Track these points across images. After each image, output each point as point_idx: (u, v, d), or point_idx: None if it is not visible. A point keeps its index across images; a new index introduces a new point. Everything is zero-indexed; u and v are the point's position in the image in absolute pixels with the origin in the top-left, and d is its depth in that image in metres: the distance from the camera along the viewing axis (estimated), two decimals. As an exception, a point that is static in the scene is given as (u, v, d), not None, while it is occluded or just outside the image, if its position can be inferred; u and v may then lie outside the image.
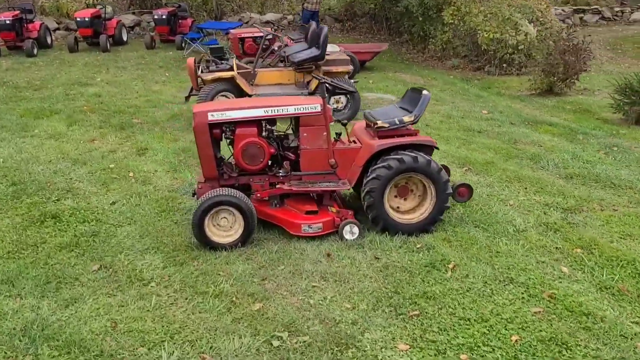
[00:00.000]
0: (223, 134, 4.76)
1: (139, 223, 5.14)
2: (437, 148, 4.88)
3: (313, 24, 8.96)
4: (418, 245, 4.56)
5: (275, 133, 4.95)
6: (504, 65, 12.96)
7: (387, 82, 11.94)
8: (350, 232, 4.65)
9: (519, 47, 12.68)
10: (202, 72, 8.44)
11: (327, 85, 5.01)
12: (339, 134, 5.12)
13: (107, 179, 6.26)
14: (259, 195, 4.81)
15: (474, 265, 4.23)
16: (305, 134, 4.74)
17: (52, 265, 4.36)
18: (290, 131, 5.12)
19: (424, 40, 15.41)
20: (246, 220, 4.51)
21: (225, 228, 4.59)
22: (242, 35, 12.69)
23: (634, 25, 20.76)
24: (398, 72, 13.23)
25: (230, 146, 4.91)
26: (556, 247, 4.56)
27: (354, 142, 5.03)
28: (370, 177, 4.59)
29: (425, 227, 4.75)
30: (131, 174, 6.43)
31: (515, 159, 6.87)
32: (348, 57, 8.82)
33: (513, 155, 6.99)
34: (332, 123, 4.82)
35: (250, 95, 8.66)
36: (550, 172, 6.41)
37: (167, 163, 6.82)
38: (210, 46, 8.78)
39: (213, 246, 4.54)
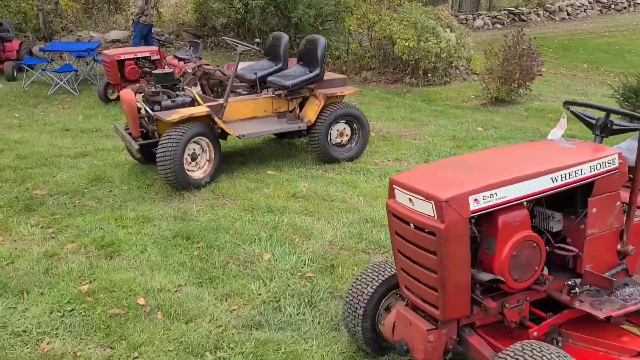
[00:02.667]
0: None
1: None
2: None
3: (284, 37, 6.64)
4: None
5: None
6: (428, 75, 11.83)
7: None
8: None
9: (441, 55, 11.66)
10: (153, 110, 5.62)
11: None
12: None
13: (109, 326, 3.36)
14: (535, 333, 2.58)
15: None
16: (595, 209, 2.65)
17: None
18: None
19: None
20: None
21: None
22: (122, 57, 9.72)
23: (478, 31, 21.55)
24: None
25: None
26: None
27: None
28: None
29: None
30: (141, 301, 3.60)
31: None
32: (344, 76, 6.69)
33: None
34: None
35: (224, 138, 6.09)
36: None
37: (181, 266, 4.04)
38: (155, 72, 5.94)
39: None
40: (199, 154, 5.67)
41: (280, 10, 13.73)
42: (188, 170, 5.54)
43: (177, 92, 5.86)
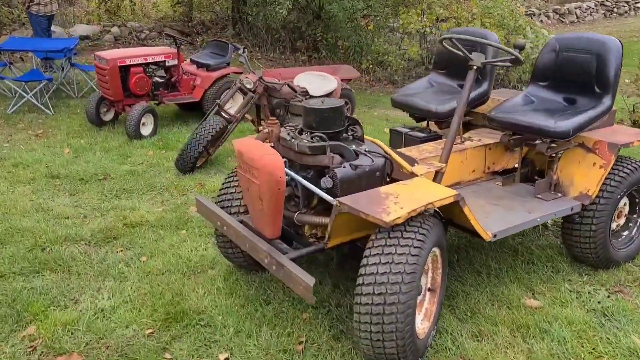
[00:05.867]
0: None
1: None
2: None
3: (493, 38, 3.66)
4: None
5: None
6: (517, 86, 9.15)
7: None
8: None
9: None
10: (323, 188, 2.58)
11: None
12: None
13: None
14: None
15: None
16: None
17: None
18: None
19: (359, 58, 10.70)
20: None
21: None
22: (126, 62, 6.51)
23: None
24: (385, 110, 8.19)
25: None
26: None
27: None
28: None
29: None
30: None
31: None
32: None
33: None
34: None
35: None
36: None
37: None
38: (309, 107, 2.76)
39: None
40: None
41: (307, 2, 10.71)
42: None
43: (354, 146, 2.82)
